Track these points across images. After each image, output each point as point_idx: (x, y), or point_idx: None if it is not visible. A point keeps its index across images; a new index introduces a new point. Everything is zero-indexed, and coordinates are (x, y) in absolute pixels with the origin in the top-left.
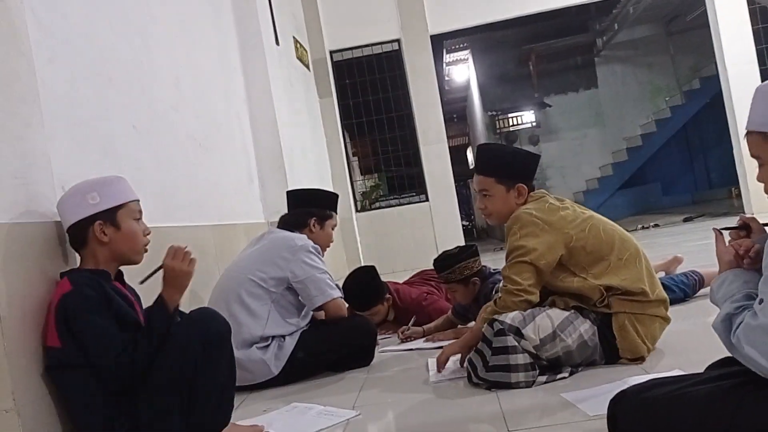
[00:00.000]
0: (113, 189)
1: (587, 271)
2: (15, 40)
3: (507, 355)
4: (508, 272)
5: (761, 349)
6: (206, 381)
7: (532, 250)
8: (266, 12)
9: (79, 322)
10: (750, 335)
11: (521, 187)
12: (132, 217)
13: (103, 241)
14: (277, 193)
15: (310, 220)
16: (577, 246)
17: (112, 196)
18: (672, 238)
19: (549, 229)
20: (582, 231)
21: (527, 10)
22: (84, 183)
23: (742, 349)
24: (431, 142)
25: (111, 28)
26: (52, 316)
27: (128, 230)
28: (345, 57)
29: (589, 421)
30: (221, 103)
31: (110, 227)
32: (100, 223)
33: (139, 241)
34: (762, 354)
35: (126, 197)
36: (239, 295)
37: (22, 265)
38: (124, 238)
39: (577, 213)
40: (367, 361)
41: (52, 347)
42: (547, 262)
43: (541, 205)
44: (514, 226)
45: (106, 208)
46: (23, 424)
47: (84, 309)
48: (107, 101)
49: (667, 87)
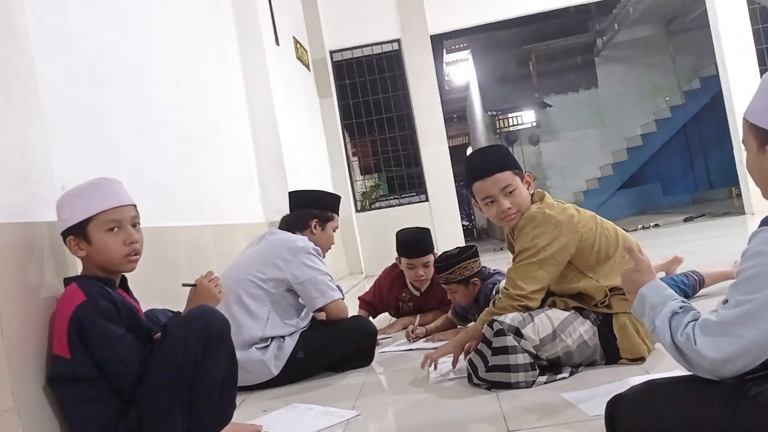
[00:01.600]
0: (83, 201)
1: (594, 270)
2: (15, 40)
3: (507, 355)
4: (514, 275)
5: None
6: (207, 379)
7: (543, 249)
8: (266, 12)
9: (98, 335)
10: (708, 328)
11: (528, 176)
12: (104, 227)
13: (81, 255)
14: (277, 193)
15: (311, 221)
16: (585, 245)
17: (81, 209)
18: (672, 238)
19: (562, 228)
20: (590, 229)
21: (527, 10)
22: (65, 194)
23: (692, 345)
24: (431, 142)
25: (111, 28)
26: (64, 326)
27: (100, 243)
28: (345, 57)
29: (589, 422)
30: (221, 103)
31: (83, 241)
32: (73, 238)
33: (114, 253)
34: (713, 347)
35: (97, 207)
36: (239, 296)
37: (22, 264)
38: (98, 252)
39: (582, 213)
40: (367, 361)
41: (60, 356)
42: (557, 263)
43: (551, 203)
44: (527, 226)
45: (74, 223)
46: (23, 424)
47: (102, 321)
48: (107, 101)
49: (667, 87)
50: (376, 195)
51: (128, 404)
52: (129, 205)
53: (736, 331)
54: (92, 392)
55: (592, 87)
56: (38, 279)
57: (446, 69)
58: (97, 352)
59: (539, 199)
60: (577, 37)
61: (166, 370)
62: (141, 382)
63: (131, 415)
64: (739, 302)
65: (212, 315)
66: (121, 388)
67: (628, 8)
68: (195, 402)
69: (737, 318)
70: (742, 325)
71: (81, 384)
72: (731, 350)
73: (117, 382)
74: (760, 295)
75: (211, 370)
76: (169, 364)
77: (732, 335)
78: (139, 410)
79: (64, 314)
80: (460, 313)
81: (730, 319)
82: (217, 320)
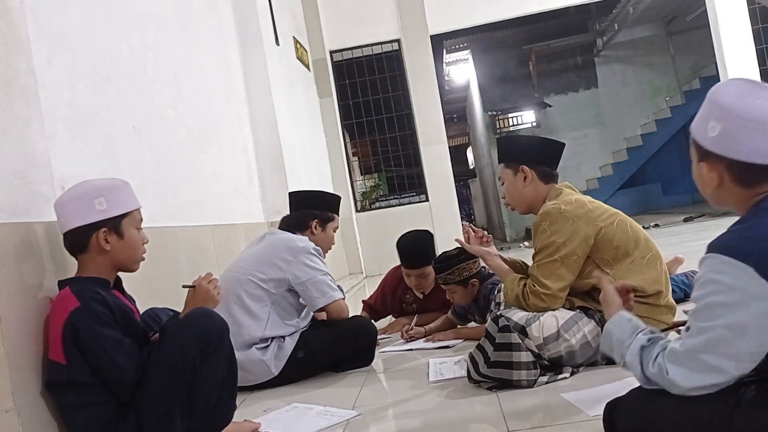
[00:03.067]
0: (121, 195)
1: (611, 266)
2: (15, 40)
3: (510, 352)
4: (537, 273)
5: (685, 374)
6: (206, 382)
7: (563, 245)
8: (266, 12)
9: (94, 341)
10: (676, 358)
11: (523, 168)
12: (135, 225)
13: (105, 249)
14: (277, 193)
15: (311, 221)
16: (604, 239)
17: (120, 203)
18: (672, 238)
19: (579, 222)
20: (611, 224)
21: (527, 10)
22: (89, 186)
23: (665, 375)
24: (431, 142)
25: (111, 28)
26: (58, 332)
27: (131, 239)
28: (345, 57)
29: (589, 422)
30: (221, 103)
31: (113, 235)
32: (105, 230)
33: (139, 251)
34: (684, 376)
35: (132, 205)
36: (239, 296)
37: (22, 265)
38: (126, 247)
39: (604, 207)
40: (367, 361)
41: (55, 362)
42: (578, 258)
43: (568, 198)
44: (543, 222)
45: (113, 216)
46: (23, 424)
47: (97, 327)
48: (107, 101)
49: (667, 87)
50: (376, 195)
51: (127, 408)
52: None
53: (701, 359)
54: (90, 397)
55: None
56: (38, 279)
57: (446, 69)
58: (94, 358)
59: (556, 195)
60: (577, 37)
61: (165, 374)
62: (139, 386)
63: (130, 418)
64: (700, 330)
65: (210, 318)
66: (119, 392)
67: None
68: (194, 404)
69: (701, 346)
70: (706, 352)
71: (78, 389)
72: (700, 378)
73: (115, 386)
74: (718, 322)
75: (210, 372)
76: (167, 368)
77: (698, 362)
78: (138, 414)
79: (59, 320)
80: (459, 312)
81: (694, 347)
82: (214, 323)
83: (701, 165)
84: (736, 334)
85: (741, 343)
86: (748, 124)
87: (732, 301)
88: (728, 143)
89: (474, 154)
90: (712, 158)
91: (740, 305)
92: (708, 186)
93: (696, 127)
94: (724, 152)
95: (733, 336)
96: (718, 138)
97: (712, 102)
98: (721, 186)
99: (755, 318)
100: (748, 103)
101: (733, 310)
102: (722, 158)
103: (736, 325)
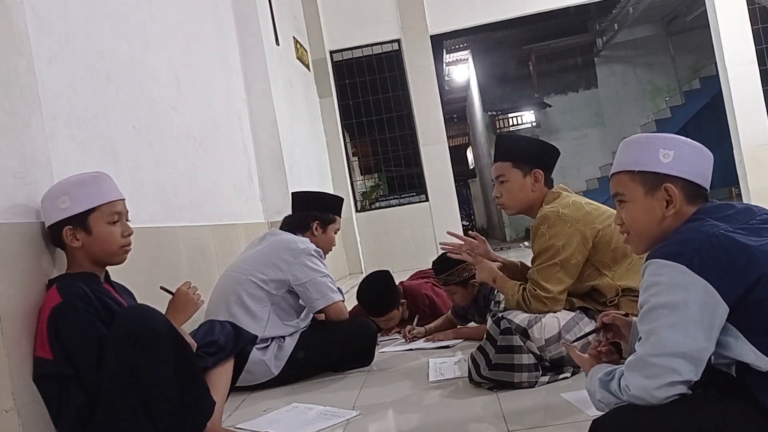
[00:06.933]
0: (87, 191)
1: (610, 268)
2: (15, 39)
3: (512, 354)
4: (538, 276)
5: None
6: (151, 378)
7: (562, 249)
8: (266, 12)
9: (70, 337)
10: (632, 368)
11: (537, 172)
12: (107, 219)
13: (76, 246)
14: (277, 193)
15: (312, 223)
16: (602, 241)
17: (84, 199)
18: None
19: (577, 225)
20: (609, 226)
21: (527, 10)
22: (58, 184)
23: (628, 392)
24: (431, 142)
25: (111, 28)
26: (44, 328)
27: (101, 234)
28: (345, 57)
29: (589, 422)
30: (221, 103)
31: (81, 232)
32: (70, 228)
33: (114, 244)
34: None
35: (101, 199)
36: (240, 297)
37: (22, 264)
38: (97, 242)
39: (602, 209)
40: (367, 361)
41: (42, 358)
42: (577, 261)
43: (566, 201)
44: (542, 226)
45: (75, 213)
46: (23, 424)
47: (74, 324)
48: (107, 101)
49: (667, 87)
50: (376, 195)
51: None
52: (123, 200)
53: (654, 362)
54: (72, 389)
55: (592, 87)
56: (38, 279)
57: (446, 69)
58: (73, 353)
59: (553, 198)
60: (577, 37)
61: (111, 376)
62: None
63: (98, 420)
64: (647, 334)
65: (135, 314)
66: (92, 389)
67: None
68: (151, 402)
69: (649, 350)
70: (655, 355)
71: (62, 382)
72: (658, 381)
73: (88, 382)
74: (662, 322)
75: (150, 368)
76: (107, 371)
77: (652, 366)
78: (105, 415)
79: (43, 317)
80: (459, 313)
81: (645, 352)
82: (140, 318)
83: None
84: (680, 331)
85: (687, 340)
86: (694, 150)
87: (672, 301)
88: (683, 165)
89: (474, 154)
90: (669, 180)
91: (679, 303)
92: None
93: (641, 162)
94: (681, 173)
95: (677, 333)
96: (674, 162)
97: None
98: (672, 208)
99: (695, 313)
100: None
101: (674, 309)
102: (678, 179)
103: (678, 323)
